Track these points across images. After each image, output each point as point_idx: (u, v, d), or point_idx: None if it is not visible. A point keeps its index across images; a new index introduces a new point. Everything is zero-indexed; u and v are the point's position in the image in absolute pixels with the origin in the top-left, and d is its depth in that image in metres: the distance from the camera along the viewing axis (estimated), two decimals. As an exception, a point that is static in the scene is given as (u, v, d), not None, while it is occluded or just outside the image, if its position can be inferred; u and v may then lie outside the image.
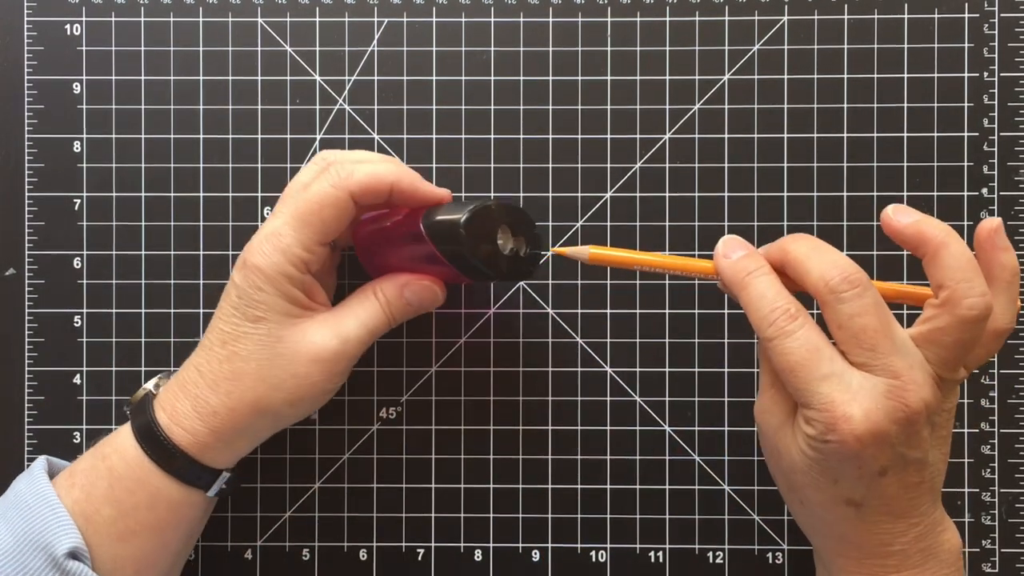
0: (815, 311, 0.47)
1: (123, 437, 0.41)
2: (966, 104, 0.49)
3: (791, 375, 0.38)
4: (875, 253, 0.49)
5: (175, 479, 0.40)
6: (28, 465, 0.49)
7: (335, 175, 0.41)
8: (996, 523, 0.49)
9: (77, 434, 0.49)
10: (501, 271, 0.42)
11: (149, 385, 0.44)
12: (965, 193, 0.49)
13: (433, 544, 0.49)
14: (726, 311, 0.49)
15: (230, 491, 0.43)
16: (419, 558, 0.49)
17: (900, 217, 0.40)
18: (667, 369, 0.49)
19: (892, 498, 0.38)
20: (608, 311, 0.49)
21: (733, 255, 0.40)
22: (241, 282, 0.41)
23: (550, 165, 0.49)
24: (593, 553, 0.49)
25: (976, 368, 0.41)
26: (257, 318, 0.40)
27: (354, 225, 0.45)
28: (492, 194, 0.49)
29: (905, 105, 0.49)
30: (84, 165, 0.50)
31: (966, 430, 0.49)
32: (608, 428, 0.49)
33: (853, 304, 0.37)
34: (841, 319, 0.37)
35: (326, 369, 0.41)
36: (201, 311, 0.49)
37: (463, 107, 0.50)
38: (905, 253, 0.49)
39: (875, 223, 0.49)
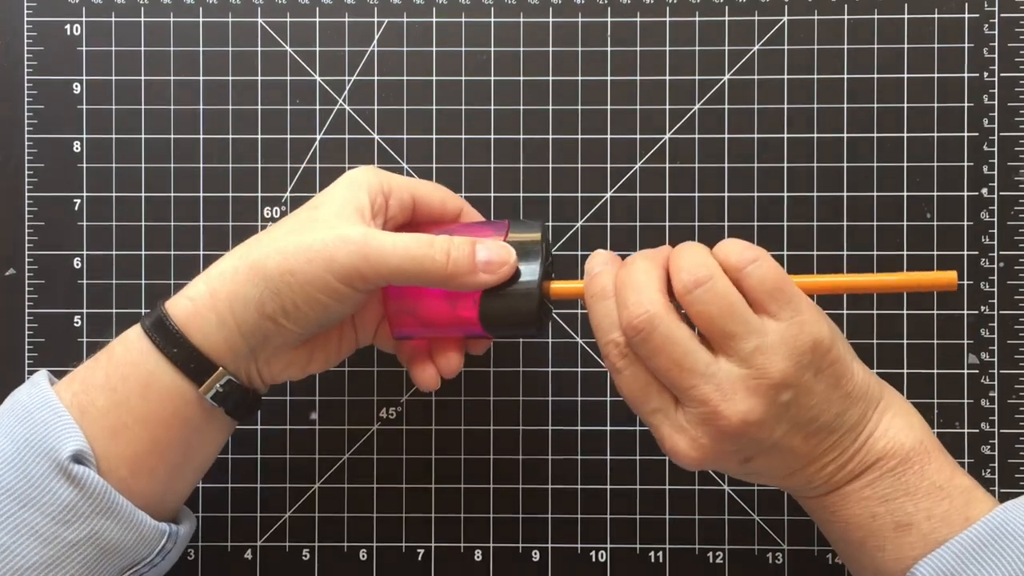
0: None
1: (131, 329, 0.40)
2: (966, 104, 0.49)
3: (631, 407, 0.39)
4: (875, 253, 0.49)
5: (168, 360, 0.38)
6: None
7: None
8: (996, 523, 0.49)
9: (77, 434, 0.49)
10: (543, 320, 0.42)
11: None
12: (965, 193, 0.49)
13: (433, 544, 0.49)
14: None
15: (229, 407, 0.40)
16: (419, 558, 0.49)
17: None
18: (667, 369, 0.49)
19: (780, 463, 0.39)
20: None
21: (595, 270, 0.40)
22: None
23: (550, 165, 0.49)
24: (593, 553, 0.49)
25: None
26: (319, 204, 0.40)
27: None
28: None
29: (905, 105, 0.49)
30: (84, 165, 0.50)
31: (966, 430, 0.49)
32: (608, 428, 0.49)
33: (642, 348, 0.37)
34: (644, 361, 0.38)
35: (329, 257, 0.37)
36: (201, 311, 0.49)
37: (463, 107, 0.50)
38: (905, 253, 0.49)
39: (875, 223, 0.49)
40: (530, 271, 0.40)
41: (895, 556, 0.39)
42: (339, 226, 0.38)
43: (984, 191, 0.49)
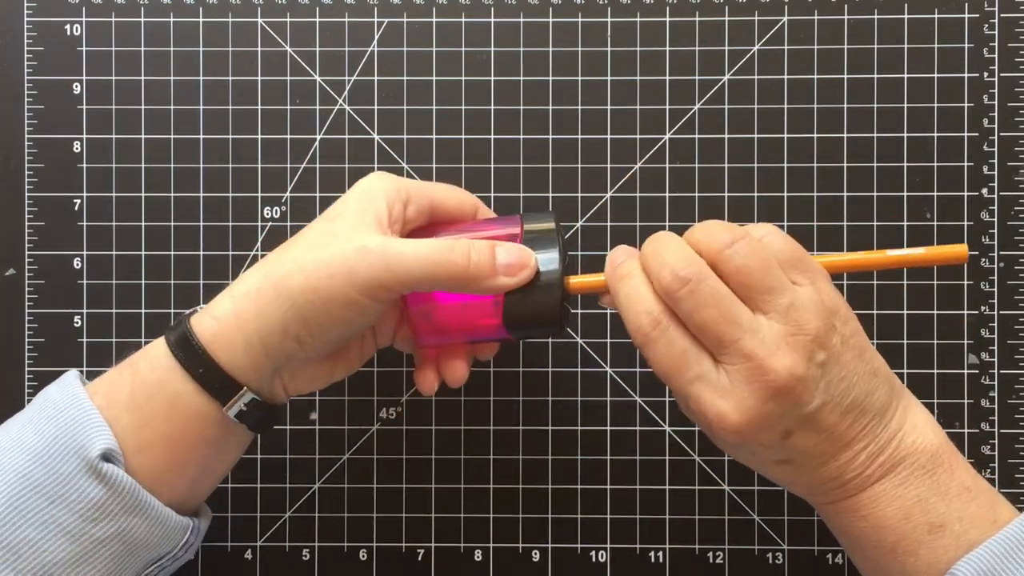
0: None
1: (155, 344, 0.40)
2: (966, 104, 0.49)
3: (666, 380, 0.38)
4: (875, 253, 0.49)
5: (194, 381, 0.38)
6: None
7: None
8: (996, 523, 0.49)
9: (77, 434, 0.49)
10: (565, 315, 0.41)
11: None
12: (965, 193, 0.49)
13: (433, 544, 0.49)
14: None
15: (251, 423, 0.40)
16: (419, 558, 0.49)
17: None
18: (667, 369, 0.49)
19: (816, 446, 0.38)
20: (608, 311, 0.49)
21: (618, 259, 0.40)
22: (352, 195, 0.40)
23: (550, 165, 0.49)
24: (593, 553, 0.49)
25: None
26: (336, 216, 0.39)
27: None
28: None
29: (905, 105, 0.49)
30: (84, 165, 0.50)
31: (966, 430, 0.49)
32: (608, 428, 0.49)
33: (688, 301, 0.37)
34: (685, 318, 0.37)
35: (349, 271, 0.37)
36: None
37: (463, 107, 0.50)
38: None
39: (875, 223, 0.49)
40: (550, 269, 0.40)
41: (929, 560, 0.38)
42: (357, 237, 0.38)
43: (984, 191, 0.49)
